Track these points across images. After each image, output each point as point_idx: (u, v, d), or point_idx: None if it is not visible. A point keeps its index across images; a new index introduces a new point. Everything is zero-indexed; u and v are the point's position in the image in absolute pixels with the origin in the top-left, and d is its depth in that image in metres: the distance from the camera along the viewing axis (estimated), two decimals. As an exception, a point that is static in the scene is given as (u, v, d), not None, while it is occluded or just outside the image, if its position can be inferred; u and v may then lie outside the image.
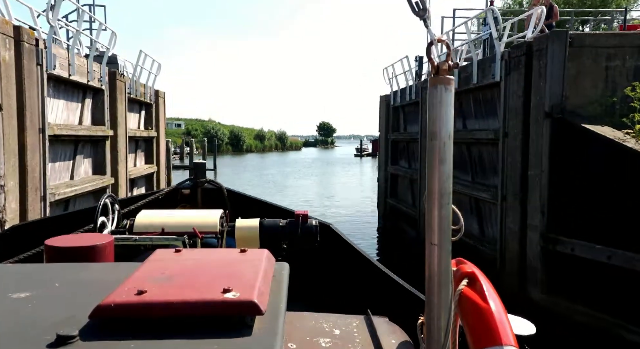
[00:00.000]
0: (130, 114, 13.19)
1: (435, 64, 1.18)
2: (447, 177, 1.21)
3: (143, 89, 13.63)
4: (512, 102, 7.61)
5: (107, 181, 10.22)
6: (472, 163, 9.82)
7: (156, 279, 1.13)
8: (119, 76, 10.99)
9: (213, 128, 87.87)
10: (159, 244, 3.14)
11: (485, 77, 8.72)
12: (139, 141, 13.85)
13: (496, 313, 1.31)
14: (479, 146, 9.43)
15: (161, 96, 15.45)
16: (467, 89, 9.77)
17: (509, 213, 7.72)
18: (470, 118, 9.96)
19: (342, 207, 21.28)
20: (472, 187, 9.47)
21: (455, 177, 10.60)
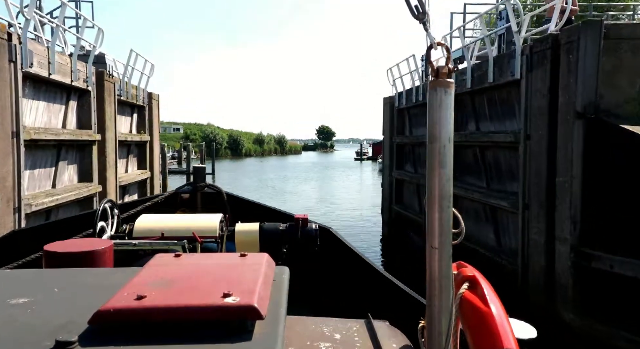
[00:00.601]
0: (121, 117, 12.50)
1: (435, 68, 1.17)
2: (447, 180, 1.19)
3: (135, 90, 12.94)
4: (536, 101, 6.91)
5: (94, 188, 9.51)
6: (487, 168, 9.12)
7: (156, 284, 1.12)
8: (107, 76, 10.29)
9: (212, 132, 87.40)
10: (158, 248, 3.13)
11: (502, 75, 8.03)
12: (130, 146, 13.15)
13: (497, 317, 1.29)
14: (495, 150, 8.73)
15: (155, 98, 14.76)
16: (481, 89, 9.09)
17: (533, 223, 7.01)
18: (485, 120, 9.27)
19: (344, 213, 20.56)
20: (487, 195, 8.77)
21: (468, 183, 9.91)
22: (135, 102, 13.06)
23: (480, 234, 9.34)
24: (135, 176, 12.97)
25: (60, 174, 8.58)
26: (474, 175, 9.68)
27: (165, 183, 23.78)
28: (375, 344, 1.56)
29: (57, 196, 7.89)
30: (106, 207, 3.51)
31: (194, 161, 46.71)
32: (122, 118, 12.60)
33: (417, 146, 13.51)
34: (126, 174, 12.70)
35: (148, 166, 14.32)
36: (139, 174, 13.44)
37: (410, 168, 14.23)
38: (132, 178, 12.54)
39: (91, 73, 9.42)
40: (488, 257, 8.56)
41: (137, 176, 13.11)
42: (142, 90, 13.54)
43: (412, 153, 13.93)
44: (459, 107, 10.28)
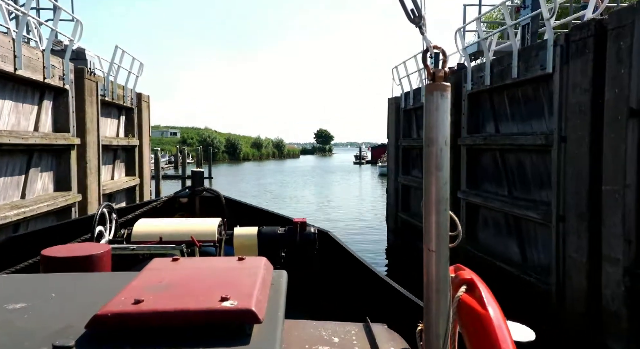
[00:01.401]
0: (107, 119, 11.57)
1: (431, 71, 1.17)
2: (444, 183, 1.19)
3: (122, 91, 12.00)
4: (574, 97, 5.99)
5: (72, 198, 8.55)
6: (509, 174, 8.19)
7: (153, 288, 1.11)
8: (89, 74, 9.35)
9: (209, 136, 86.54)
10: (156, 253, 3.10)
11: (529, 69, 7.12)
12: (117, 150, 12.20)
13: (495, 320, 1.29)
14: (519, 154, 7.80)
15: (144, 99, 13.82)
16: (502, 86, 8.17)
17: (571, 238, 6.08)
18: (505, 120, 8.35)
19: (346, 219, 19.60)
20: (510, 203, 7.83)
21: (487, 191, 8.96)
22: (123, 104, 12.12)
23: (500, 247, 8.41)
24: (122, 183, 12.02)
25: (31, 182, 7.62)
26: (494, 182, 8.74)
27: (159, 189, 22.82)
28: (374, 347, 1.57)
29: (26, 208, 6.94)
30: (104, 212, 3.48)
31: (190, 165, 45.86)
32: (108, 120, 11.68)
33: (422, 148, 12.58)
34: (112, 181, 11.74)
35: (137, 171, 13.37)
36: (126, 180, 12.48)
37: (418, 173, 13.29)
38: (118, 185, 11.58)
39: (69, 70, 8.49)
40: (510, 272, 7.63)
41: (124, 183, 12.15)
42: (130, 90, 12.59)
43: (420, 157, 12.99)
44: (475, 106, 9.36)
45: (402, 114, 14.14)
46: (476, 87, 9.01)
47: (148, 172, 14.28)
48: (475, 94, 9.20)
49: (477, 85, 8.98)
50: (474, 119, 9.39)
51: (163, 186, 31.84)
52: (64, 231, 3.90)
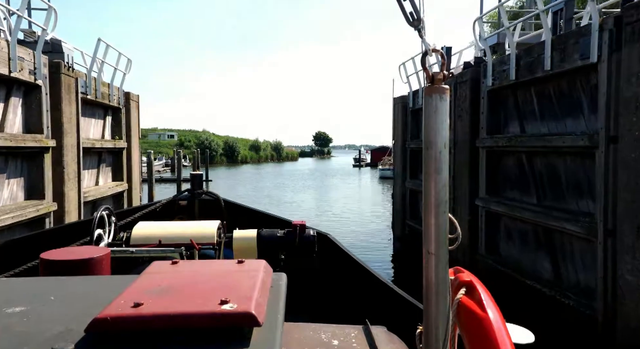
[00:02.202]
0: (90, 119, 10.62)
1: (430, 74, 1.18)
2: (443, 186, 1.19)
3: (107, 89, 11.04)
4: (628, 90, 5.06)
5: (46, 207, 7.59)
6: (538, 179, 7.25)
7: (153, 291, 1.11)
8: (66, 69, 8.40)
9: (206, 139, 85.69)
10: (156, 256, 3.12)
11: (565, 60, 6.19)
12: (102, 154, 11.23)
13: (494, 322, 1.29)
14: (551, 157, 6.87)
15: (133, 98, 12.86)
16: (528, 81, 7.25)
17: (624, 257, 5.14)
18: (533, 119, 7.42)
19: (348, 226, 18.62)
20: (540, 213, 6.89)
21: (510, 198, 8.00)
22: (108, 103, 11.15)
23: (527, 262, 7.47)
24: (107, 189, 11.04)
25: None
26: (519, 188, 7.81)
27: (152, 194, 21.83)
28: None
29: (-15, 220, 5.98)
30: (103, 215, 3.47)
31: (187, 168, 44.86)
32: (92, 121, 10.73)
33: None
34: (96, 187, 10.77)
35: (125, 176, 12.40)
36: (113, 186, 11.51)
37: (427, 178, 12.35)
38: (102, 191, 10.61)
39: (41, 64, 7.53)
40: (539, 291, 6.71)
41: (110, 189, 11.18)
42: (116, 89, 11.64)
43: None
44: (497, 104, 8.43)
45: (409, 114, 13.22)
46: (498, 83, 8.08)
47: (138, 177, 13.31)
48: (496, 90, 8.27)
49: (498, 81, 8.05)
50: (494, 118, 8.45)
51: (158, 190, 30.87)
52: (63, 234, 3.89)
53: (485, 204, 8.48)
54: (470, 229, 9.10)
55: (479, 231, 8.80)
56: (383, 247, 15.20)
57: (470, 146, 9.04)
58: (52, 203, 7.87)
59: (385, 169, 46.62)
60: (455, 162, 9.81)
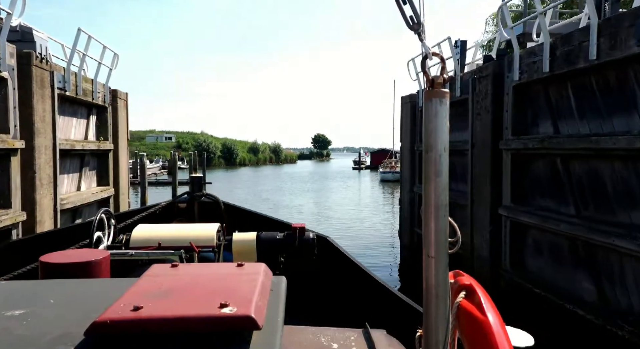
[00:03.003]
0: (71, 119, 9.67)
1: (430, 78, 1.18)
2: (443, 189, 1.20)
3: (90, 85, 10.09)
4: None
5: (12, 217, 6.62)
6: (577, 187, 6.31)
7: (152, 294, 1.10)
8: (38, 61, 7.44)
9: (204, 141, 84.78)
10: (155, 258, 3.11)
11: (617, 46, 5.25)
12: (85, 156, 10.27)
13: (494, 325, 1.28)
14: (595, 161, 5.93)
15: (121, 97, 11.90)
16: (564, 73, 6.31)
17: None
18: (570, 118, 6.48)
19: (351, 232, 17.66)
20: (580, 226, 5.96)
21: (541, 207, 7.04)
22: (92, 101, 10.19)
23: (562, 280, 6.52)
24: (90, 195, 10.07)
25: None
26: (551, 196, 6.87)
27: (145, 198, 20.85)
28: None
29: None
30: (103, 217, 3.45)
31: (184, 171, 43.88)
32: (73, 120, 9.77)
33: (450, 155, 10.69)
34: (77, 192, 9.80)
35: (112, 180, 11.44)
36: (97, 191, 10.54)
37: (439, 183, 11.41)
38: (84, 198, 9.63)
39: (7, 53, 6.58)
40: (579, 315, 5.78)
41: (93, 195, 10.21)
42: (101, 85, 10.68)
43: (443, 164, 11.12)
44: (524, 101, 7.49)
45: (419, 114, 12.28)
46: (526, 77, 7.15)
47: (126, 181, 12.35)
48: (523, 85, 7.34)
49: (527, 74, 7.12)
50: (521, 117, 7.52)
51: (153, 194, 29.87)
52: (63, 237, 3.87)
53: (511, 214, 7.53)
54: (492, 241, 8.16)
55: (503, 243, 7.85)
56: (389, 256, 14.25)
57: (491, 148, 8.10)
58: (20, 212, 6.90)
59: (386, 172, 45.79)
60: (473, 167, 8.87)
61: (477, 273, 8.54)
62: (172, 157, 28.73)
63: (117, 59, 11.16)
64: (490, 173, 8.15)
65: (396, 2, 1.21)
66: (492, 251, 8.14)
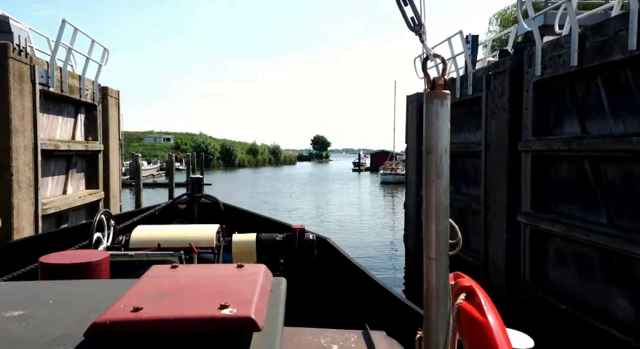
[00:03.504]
0: (57, 117, 9.05)
1: (431, 79, 1.18)
2: (444, 191, 1.21)
3: (78, 82, 9.46)
4: None
5: (-15, 225, 6.01)
6: (609, 193, 5.69)
7: (152, 295, 1.10)
8: (16, 53, 6.82)
9: (203, 142, 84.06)
10: (155, 259, 3.11)
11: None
12: (72, 157, 9.64)
13: (494, 327, 1.28)
14: (630, 164, 5.32)
15: (112, 94, 11.28)
16: (595, 67, 5.71)
17: None
18: (600, 116, 5.87)
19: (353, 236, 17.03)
20: (615, 237, 5.35)
21: (566, 215, 6.44)
22: (79, 99, 9.57)
23: (591, 295, 5.91)
24: (77, 199, 9.44)
25: None
26: (578, 203, 6.26)
27: (140, 201, 20.20)
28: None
29: None
30: (102, 218, 3.51)
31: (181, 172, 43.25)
32: (58, 119, 9.15)
33: (459, 156, 10.09)
34: (63, 196, 9.17)
35: (102, 183, 10.82)
36: (84, 195, 9.91)
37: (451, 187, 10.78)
38: (69, 202, 9.00)
39: (-22, 43, 5.97)
40: (608, 333, 5.18)
41: (80, 198, 9.58)
42: (90, 82, 10.07)
43: (453, 166, 10.49)
44: (544, 99, 6.88)
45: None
46: (549, 72, 6.54)
47: (117, 184, 11.72)
48: (546, 81, 6.73)
49: (550, 69, 6.51)
50: (542, 116, 6.91)
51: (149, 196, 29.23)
52: (62, 238, 3.88)
53: (531, 221, 6.92)
54: (509, 250, 7.55)
55: (522, 252, 7.24)
56: (394, 261, 13.62)
57: (509, 149, 7.49)
58: (-7, 220, 6.29)
59: (386, 174, 45.18)
60: (487, 169, 8.26)
61: (492, 284, 7.93)
62: (169, 159, 28.09)
63: (107, 54, 10.54)
64: (507, 177, 7.54)
65: (397, 3, 1.20)
66: (509, 261, 7.53)
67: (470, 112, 9.47)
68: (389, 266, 13.14)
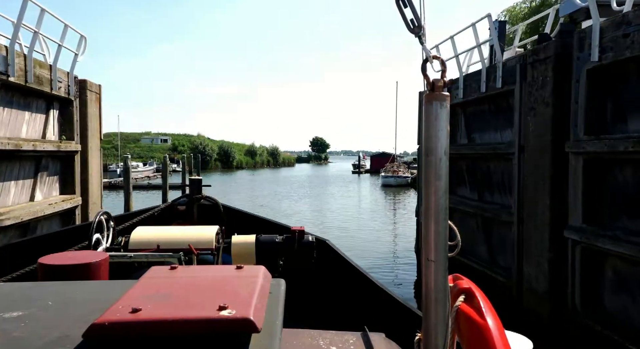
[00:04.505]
0: (23, 113, 7.90)
1: (431, 81, 1.18)
2: (443, 193, 1.19)
3: (48, 72, 8.26)
4: None
5: None
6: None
7: (151, 297, 1.09)
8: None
9: (201, 143, 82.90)
10: (154, 261, 3.14)
11: None
12: (42, 159, 8.43)
13: (493, 329, 1.27)
14: None
15: (91, 88, 10.05)
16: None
17: None
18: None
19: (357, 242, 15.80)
20: None
21: (633, 232, 5.28)
22: (51, 92, 8.37)
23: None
24: (47, 206, 8.22)
25: None
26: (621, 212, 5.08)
27: (129, 205, 18.95)
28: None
29: None
30: (102, 220, 3.47)
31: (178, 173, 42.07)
32: (25, 115, 7.96)
33: (482, 159, 8.90)
34: (28, 204, 7.96)
35: (79, 188, 9.60)
36: (57, 201, 8.69)
37: (469, 193, 9.60)
38: (37, 210, 7.79)
39: None
40: None
41: (51, 206, 8.36)
42: (64, 74, 8.86)
43: (475, 170, 9.30)
44: (600, 90, 5.69)
45: (442, 111, 10.49)
46: (610, 56, 5.36)
47: (97, 188, 10.49)
48: (604, 68, 5.55)
49: (613, 53, 5.33)
50: (598, 111, 5.73)
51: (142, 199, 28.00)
52: (61, 239, 3.87)
53: (584, 238, 5.73)
54: (552, 271, 6.36)
55: (570, 275, 6.05)
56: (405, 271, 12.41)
57: (552, 151, 6.31)
58: None
59: (388, 177, 44.09)
60: (522, 175, 7.07)
61: (528, 308, 6.75)
62: (163, 160, 26.89)
63: (84, 42, 9.33)
64: (550, 183, 6.35)
65: (397, 5, 1.20)
66: (553, 285, 6.33)
67: (498, 109, 8.28)
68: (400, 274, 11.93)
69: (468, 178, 9.60)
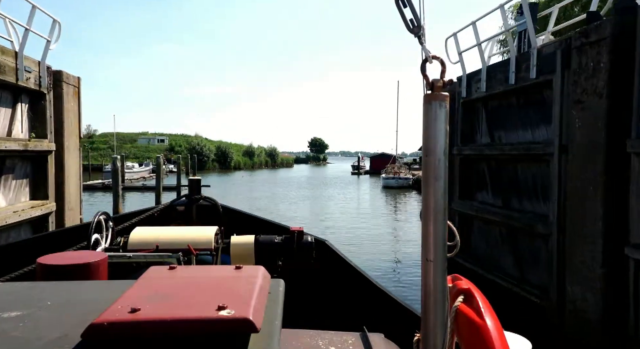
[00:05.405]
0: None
1: (430, 81, 1.17)
2: (442, 193, 1.17)
3: (13, 60, 7.19)
4: None
5: None
6: None
7: (150, 297, 1.09)
8: None
9: (198, 144, 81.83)
10: (153, 261, 3.12)
11: None
12: (6, 159, 7.37)
13: (492, 330, 1.26)
14: None
15: (68, 81, 8.98)
16: None
17: None
18: None
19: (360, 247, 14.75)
20: None
21: None
22: (17, 83, 7.30)
23: None
24: (11, 214, 7.15)
25: None
26: None
27: (118, 207, 17.86)
28: None
29: None
30: (100, 220, 3.47)
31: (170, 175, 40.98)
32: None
33: (509, 161, 7.86)
34: (-12, 211, 6.88)
35: (53, 192, 8.53)
36: (25, 208, 7.61)
37: (491, 199, 8.54)
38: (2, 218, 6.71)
39: None
40: None
41: (17, 213, 7.28)
42: (34, 63, 7.80)
43: (499, 173, 8.25)
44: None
45: (459, 107, 9.45)
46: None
47: (75, 192, 9.41)
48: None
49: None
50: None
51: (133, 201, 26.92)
52: (60, 239, 3.90)
53: (651, 257, 4.69)
54: (608, 292, 5.31)
55: (631, 297, 5.01)
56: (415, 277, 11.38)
57: (606, 151, 5.27)
58: None
59: (389, 178, 43.10)
60: (563, 179, 6.02)
61: (572, 334, 5.71)
62: (157, 160, 25.81)
63: (58, 27, 8.26)
64: (604, 190, 5.31)
65: (396, 5, 1.20)
66: (607, 310, 5.29)
67: (529, 102, 7.25)
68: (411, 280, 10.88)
69: (491, 182, 8.56)
